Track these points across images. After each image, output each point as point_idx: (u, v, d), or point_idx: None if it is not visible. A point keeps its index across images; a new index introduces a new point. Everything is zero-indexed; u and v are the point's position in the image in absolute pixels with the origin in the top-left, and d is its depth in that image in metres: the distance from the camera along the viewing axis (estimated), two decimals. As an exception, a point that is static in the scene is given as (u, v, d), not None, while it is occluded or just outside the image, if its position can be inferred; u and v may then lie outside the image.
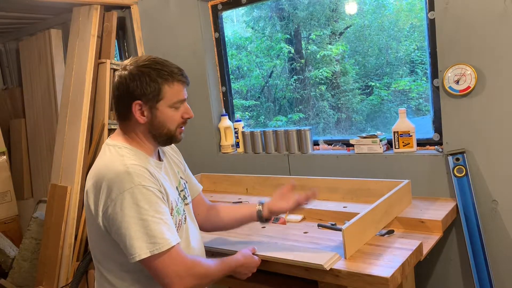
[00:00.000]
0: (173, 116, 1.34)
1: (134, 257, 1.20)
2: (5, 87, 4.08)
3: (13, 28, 3.72)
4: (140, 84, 1.29)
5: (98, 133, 2.86)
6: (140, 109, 1.31)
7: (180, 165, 1.59)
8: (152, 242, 1.20)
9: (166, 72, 1.31)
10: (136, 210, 1.20)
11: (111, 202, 1.21)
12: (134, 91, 1.30)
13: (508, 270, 1.93)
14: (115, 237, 1.24)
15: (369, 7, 3.54)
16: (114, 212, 1.21)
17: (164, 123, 1.34)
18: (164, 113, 1.32)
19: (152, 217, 1.21)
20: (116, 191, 1.21)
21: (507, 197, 1.88)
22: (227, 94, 2.88)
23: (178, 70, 1.34)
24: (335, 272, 1.42)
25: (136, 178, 1.22)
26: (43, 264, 2.87)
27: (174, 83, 1.32)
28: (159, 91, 1.30)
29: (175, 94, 1.32)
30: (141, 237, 1.19)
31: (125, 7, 3.11)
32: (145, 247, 1.19)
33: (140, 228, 1.20)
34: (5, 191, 3.49)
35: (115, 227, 1.22)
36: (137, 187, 1.21)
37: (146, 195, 1.22)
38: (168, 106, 1.32)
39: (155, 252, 1.20)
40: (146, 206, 1.21)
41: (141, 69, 1.30)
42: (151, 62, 1.32)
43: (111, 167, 1.25)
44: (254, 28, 4.21)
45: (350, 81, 3.64)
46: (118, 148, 1.32)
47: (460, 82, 1.90)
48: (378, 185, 1.99)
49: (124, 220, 1.20)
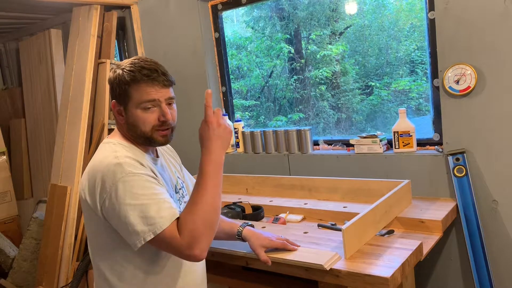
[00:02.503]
0: (145, 118, 1.32)
1: (140, 240, 1.20)
2: (5, 87, 4.08)
3: (13, 28, 3.72)
4: (115, 86, 1.34)
5: (98, 133, 2.86)
6: (118, 110, 1.36)
7: (176, 164, 1.60)
8: (152, 223, 1.20)
9: (135, 74, 1.31)
10: (130, 197, 1.21)
11: (107, 194, 1.23)
12: (111, 93, 1.36)
13: (508, 270, 1.93)
14: (117, 228, 1.25)
15: (369, 7, 3.54)
16: (111, 203, 1.22)
17: (136, 124, 1.33)
18: (133, 114, 1.33)
19: (148, 200, 1.22)
20: (110, 183, 1.22)
21: (507, 197, 1.88)
22: (227, 94, 2.88)
23: (150, 71, 1.31)
24: (335, 272, 1.42)
25: (126, 168, 1.24)
26: (43, 264, 2.87)
27: (140, 84, 1.31)
28: (126, 92, 1.32)
29: (142, 95, 1.31)
30: (140, 221, 1.20)
31: (125, 7, 3.12)
32: (147, 230, 1.20)
33: (138, 213, 1.20)
34: (5, 191, 3.49)
35: (115, 218, 1.23)
36: (127, 175, 1.22)
37: (137, 181, 1.23)
38: (136, 107, 1.32)
39: (158, 232, 1.20)
40: (139, 191, 1.22)
41: (117, 72, 1.34)
42: (127, 65, 1.34)
43: (104, 161, 1.27)
44: (254, 28, 4.21)
45: (350, 81, 3.63)
46: (113, 144, 1.34)
47: (460, 82, 1.90)
48: (378, 185, 1.99)
49: (122, 209, 1.21)
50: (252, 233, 1.56)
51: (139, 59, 1.36)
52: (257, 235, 1.55)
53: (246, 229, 1.57)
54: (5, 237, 3.37)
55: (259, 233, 1.56)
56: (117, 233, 1.26)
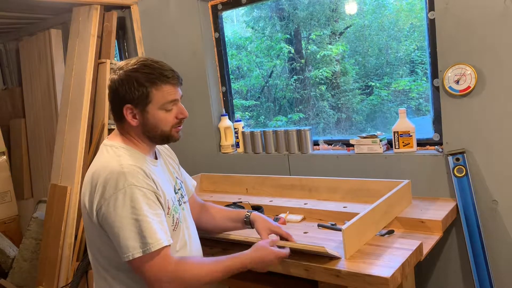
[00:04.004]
0: (166, 118, 1.34)
1: (128, 256, 1.21)
2: (5, 87, 4.08)
3: (13, 28, 3.72)
4: (128, 89, 1.30)
5: (98, 133, 2.86)
6: (131, 113, 1.33)
7: (174, 164, 1.60)
8: (144, 242, 1.20)
9: (154, 75, 1.31)
10: (128, 210, 1.21)
11: (104, 201, 1.22)
12: (124, 96, 1.32)
13: (508, 270, 1.93)
14: (110, 236, 1.25)
15: (369, 7, 3.54)
16: (107, 211, 1.22)
17: (157, 125, 1.34)
18: (155, 115, 1.33)
19: (144, 217, 1.21)
20: (110, 191, 1.22)
21: (507, 197, 1.88)
22: (227, 94, 2.88)
23: (167, 71, 1.33)
24: (335, 272, 1.42)
25: (130, 179, 1.23)
26: (43, 264, 2.87)
27: (162, 85, 1.31)
28: (147, 95, 1.30)
29: (164, 96, 1.32)
30: (133, 237, 1.20)
31: (125, 7, 3.11)
32: (138, 247, 1.20)
33: (132, 228, 1.20)
34: (5, 191, 3.49)
35: (109, 226, 1.23)
36: (130, 187, 1.22)
37: (138, 195, 1.23)
38: (158, 108, 1.32)
39: (147, 252, 1.20)
40: (138, 206, 1.22)
41: (129, 74, 1.31)
42: (139, 66, 1.32)
43: (107, 166, 1.26)
44: (254, 28, 4.21)
45: (350, 81, 3.63)
46: (116, 148, 1.33)
47: (460, 82, 1.90)
48: (378, 185, 1.99)
49: (117, 220, 1.21)
50: (260, 216, 1.61)
51: (148, 60, 1.34)
52: (265, 219, 1.60)
53: (254, 213, 1.62)
54: (5, 237, 3.37)
55: (267, 218, 1.60)
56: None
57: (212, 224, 1.69)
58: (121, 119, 1.36)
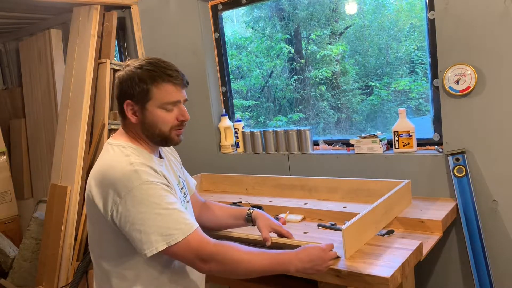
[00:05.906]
0: (165, 117, 1.33)
1: (151, 250, 1.21)
2: (5, 87, 4.08)
3: (13, 28, 3.72)
4: (130, 85, 1.31)
5: (98, 133, 2.86)
6: (131, 109, 1.33)
7: (178, 164, 1.60)
8: (168, 234, 1.21)
9: (156, 73, 1.30)
10: (147, 205, 1.21)
11: (121, 201, 1.22)
12: (125, 91, 1.32)
13: (508, 270, 1.93)
14: (128, 235, 1.24)
15: (369, 7, 3.54)
16: (125, 210, 1.21)
17: (155, 124, 1.33)
18: (153, 113, 1.32)
19: (164, 210, 1.22)
20: (125, 190, 1.21)
21: (507, 197, 1.88)
22: (227, 94, 2.88)
23: (171, 71, 1.33)
24: (335, 272, 1.42)
25: (143, 175, 1.23)
26: (43, 264, 2.87)
27: (163, 84, 1.31)
28: (147, 92, 1.30)
29: (165, 95, 1.31)
30: (156, 230, 1.20)
31: (125, 7, 3.12)
32: (161, 240, 1.21)
33: (154, 222, 1.21)
34: (5, 191, 3.49)
35: (128, 225, 1.22)
36: (144, 183, 1.22)
37: (154, 190, 1.23)
38: (157, 107, 1.32)
39: (172, 243, 1.21)
40: (156, 200, 1.22)
41: (133, 70, 1.32)
42: (145, 63, 1.32)
43: (116, 166, 1.25)
44: (254, 28, 4.21)
45: (350, 81, 3.63)
46: (122, 147, 1.32)
47: (460, 82, 1.90)
48: (378, 185, 1.99)
49: (138, 217, 1.21)
50: (261, 214, 1.62)
51: (155, 59, 1.35)
52: (266, 217, 1.61)
53: (256, 211, 1.63)
54: (5, 237, 3.37)
55: (268, 216, 1.62)
56: (124, 239, 1.26)
57: (213, 222, 1.70)
58: (123, 116, 1.36)
